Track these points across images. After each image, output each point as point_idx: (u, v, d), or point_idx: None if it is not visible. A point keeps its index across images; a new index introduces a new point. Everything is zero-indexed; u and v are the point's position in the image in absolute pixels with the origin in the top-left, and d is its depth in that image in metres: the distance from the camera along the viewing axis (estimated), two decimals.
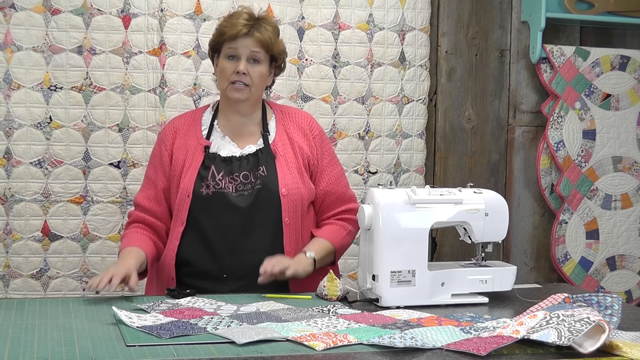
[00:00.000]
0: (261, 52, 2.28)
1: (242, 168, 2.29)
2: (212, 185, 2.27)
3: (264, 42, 2.28)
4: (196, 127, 2.37)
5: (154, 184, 2.37)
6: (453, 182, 3.17)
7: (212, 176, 2.28)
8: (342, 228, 2.40)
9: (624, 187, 3.36)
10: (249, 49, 2.27)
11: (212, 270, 2.26)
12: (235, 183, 2.28)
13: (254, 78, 2.28)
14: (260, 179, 2.28)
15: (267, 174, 2.29)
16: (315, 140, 2.40)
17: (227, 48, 2.29)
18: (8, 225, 2.73)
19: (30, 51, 2.71)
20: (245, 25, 2.27)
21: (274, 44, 2.32)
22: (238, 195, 2.27)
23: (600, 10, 3.30)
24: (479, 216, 2.12)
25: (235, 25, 2.27)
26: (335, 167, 2.44)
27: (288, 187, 2.29)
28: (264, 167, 2.29)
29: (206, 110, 2.42)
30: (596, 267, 3.34)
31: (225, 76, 2.29)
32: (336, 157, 2.48)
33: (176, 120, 2.43)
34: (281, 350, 1.58)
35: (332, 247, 2.35)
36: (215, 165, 2.29)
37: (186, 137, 2.36)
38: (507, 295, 2.16)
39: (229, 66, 2.28)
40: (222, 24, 2.33)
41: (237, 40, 2.27)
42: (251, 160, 2.30)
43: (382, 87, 3.07)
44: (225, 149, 2.33)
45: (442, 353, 1.59)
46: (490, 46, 3.26)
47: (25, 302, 2.02)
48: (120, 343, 1.62)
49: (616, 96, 3.32)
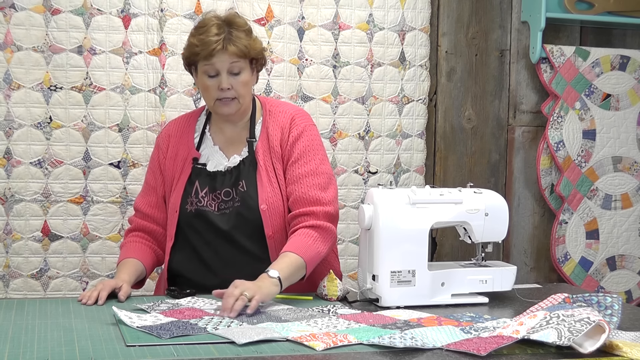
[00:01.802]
0: (240, 62, 2.19)
1: (225, 184, 2.23)
2: (195, 202, 2.24)
3: (240, 53, 2.18)
4: (189, 134, 2.33)
5: (154, 190, 2.34)
6: (453, 182, 3.17)
7: (196, 192, 2.24)
8: (306, 236, 2.15)
9: (624, 187, 3.36)
10: (227, 62, 2.18)
11: (208, 284, 2.16)
12: (217, 201, 2.22)
13: (238, 90, 2.20)
14: (239, 195, 2.21)
15: (246, 189, 2.21)
16: (291, 137, 2.26)
17: (204, 66, 2.19)
18: (8, 225, 2.73)
19: (30, 51, 2.71)
20: (217, 42, 2.16)
21: (250, 48, 2.21)
22: (220, 214, 2.21)
23: (600, 10, 3.30)
24: (479, 216, 2.12)
25: (208, 44, 2.16)
26: (304, 166, 2.24)
27: (268, 201, 2.20)
28: (243, 182, 2.22)
29: (201, 114, 2.38)
30: (596, 267, 3.34)
31: (210, 95, 2.21)
32: (312, 155, 2.26)
33: (170, 125, 2.39)
34: (281, 350, 1.58)
35: (301, 261, 2.10)
36: (200, 180, 2.24)
37: (178, 146, 2.32)
38: (507, 295, 2.16)
39: (211, 84, 2.20)
40: (193, 43, 2.21)
41: (213, 58, 2.17)
42: (234, 174, 2.24)
43: (382, 87, 3.07)
44: (213, 160, 2.28)
45: (442, 353, 1.59)
46: (490, 46, 3.26)
47: (25, 302, 2.02)
48: (120, 343, 1.62)
49: (616, 96, 3.32)
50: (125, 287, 2.08)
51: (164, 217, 2.33)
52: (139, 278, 2.24)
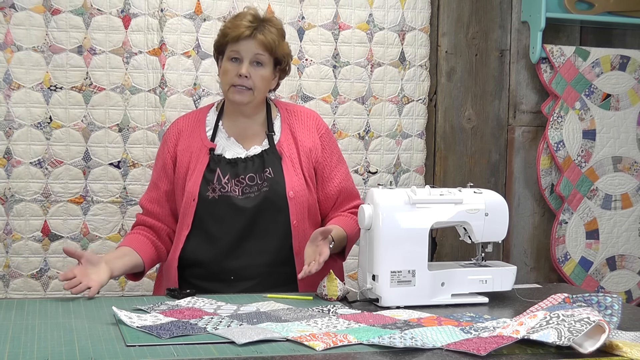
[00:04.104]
0: (264, 55, 2.26)
1: (248, 170, 2.27)
2: (218, 189, 2.26)
3: (267, 45, 2.25)
4: (200, 128, 2.36)
5: (156, 185, 2.37)
6: (453, 182, 3.17)
7: (218, 179, 2.27)
8: (352, 219, 2.33)
9: (624, 187, 3.36)
10: (252, 51, 2.25)
11: (219, 272, 2.25)
12: (241, 186, 2.26)
13: (256, 81, 2.26)
14: (267, 180, 2.27)
15: (273, 176, 2.27)
16: (323, 138, 2.39)
17: (230, 50, 2.27)
18: (8, 225, 2.73)
19: (30, 51, 2.71)
20: (248, 27, 2.24)
21: (278, 46, 2.28)
22: (244, 198, 2.25)
23: (600, 10, 3.30)
24: (479, 216, 2.12)
25: (238, 27, 2.25)
26: (343, 165, 2.44)
27: (295, 189, 2.27)
28: (270, 169, 2.27)
29: (210, 110, 2.41)
30: (596, 267, 3.34)
31: (227, 79, 2.27)
32: (342, 155, 2.47)
33: (179, 121, 2.42)
34: (281, 350, 1.58)
35: (344, 233, 2.29)
36: (221, 168, 2.28)
37: (190, 139, 2.35)
38: (507, 295, 2.16)
39: (232, 68, 2.26)
40: (226, 25, 2.31)
41: (240, 43, 2.25)
42: (257, 162, 2.28)
43: (382, 87, 3.07)
44: (230, 150, 2.31)
45: (442, 353, 1.59)
46: (490, 46, 3.26)
47: (25, 302, 2.02)
48: (120, 343, 1.62)
49: (616, 96, 3.32)
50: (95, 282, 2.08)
51: (165, 213, 2.35)
52: (127, 265, 2.23)
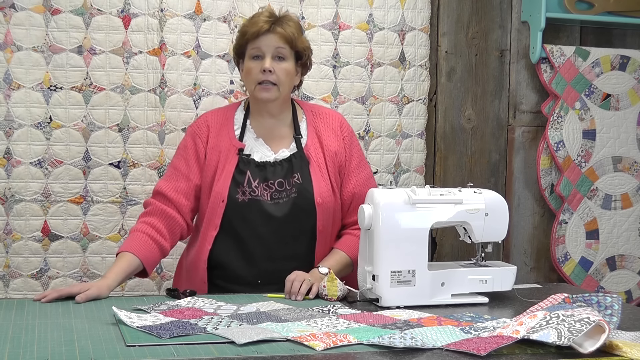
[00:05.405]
0: (285, 48, 2.27)
1: (277, 175, 2.27)
2: (248, 192, 2.26)
3: (287, 37, 2.27)
4: (229, 126, 2.35)
5: (187, 178, 2.32)
6: (453, 182, 3.17)
7: (248, 182, 2.26)
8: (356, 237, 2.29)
9: (624, 187, 3.36)
10: (273, 46, 2.26)
11: (247, 275, 2.25)
12: (270, 191, 2.26)
13: (280, 76, 2.26)
14: (296, 186, 2.27)
15: (302, 182, 2.27)
16: (345, 140, 2.39)
17: (251, 48, 2.28)
18: (8, 225, 2.73)
19: (30, 51, 2.71)
20: (266, 22, 2.27)
21: (298, 39, 2.31)
22: (274, 204, 2.25)
23: (600, 10, 3.30)
24: (479, 216, 2.12)
25: (257, 23, 2.27)
26: (364, 169, 2.42)
27: (323, 195, 2.28)
28: (298, 175, 2.28)
29: (238, 109, 2.40)
30: (596, 267, 3.34)
31: (252, 77, 2.28)
32: (365, 159, 2.47)
33: (207, 116, 2.41)
34: (281, 350, 1.58)
35: (349, 260, 2.30)
36: (251, 171, 2.27)
37: (218, 137, 2.33)
38: (507, 295, 2.16)
39: (255, 66, 2.27)
40: (244, 25, 2.34)
41: (260, 39, 2.26)
42: (285, 167, 2.28)
43: (382, 87, 3.07)
44: (258, 151, 2.31)
45: (442, 353, 1.59)
46: (490, 46, 3.26)
47: (25, 302, 2.02)
48: (120, 343, 1.62)
49: (616, 96, 3.32)
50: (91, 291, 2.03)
51: (190, 207, 2.32)
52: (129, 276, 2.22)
